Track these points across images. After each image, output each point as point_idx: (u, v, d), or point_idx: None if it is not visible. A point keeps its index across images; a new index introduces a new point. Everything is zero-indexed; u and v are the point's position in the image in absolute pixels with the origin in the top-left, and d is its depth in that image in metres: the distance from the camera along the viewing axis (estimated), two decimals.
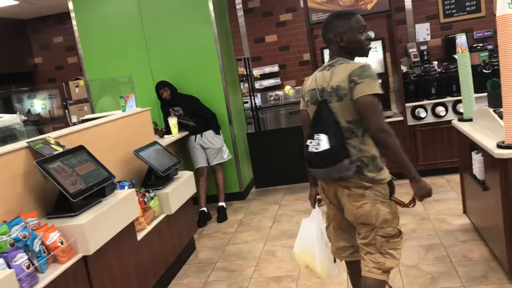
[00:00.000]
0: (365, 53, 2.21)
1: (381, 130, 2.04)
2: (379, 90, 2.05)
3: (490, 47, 6.61)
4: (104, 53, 5.53)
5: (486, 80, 3.77)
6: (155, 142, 3.96)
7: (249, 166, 6.03)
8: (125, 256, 2.86)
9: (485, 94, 3.56)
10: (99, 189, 2.76)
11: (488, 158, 2.91)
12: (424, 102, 5.18)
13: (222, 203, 5.09)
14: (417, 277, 3.12)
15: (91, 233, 2.45)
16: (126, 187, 3.24)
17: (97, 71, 5.58)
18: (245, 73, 6.80)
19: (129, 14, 5.42)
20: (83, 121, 4.20)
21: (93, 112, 5.56)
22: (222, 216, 4.97)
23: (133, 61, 5.45)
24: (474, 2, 7.46)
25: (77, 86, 7.37)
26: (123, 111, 3.91)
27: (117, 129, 3.59)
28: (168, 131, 4.98)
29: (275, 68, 8.12)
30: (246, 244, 4.19)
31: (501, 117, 2.86)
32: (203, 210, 4.97)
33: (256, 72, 8.02)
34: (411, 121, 5.21)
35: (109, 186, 2.86)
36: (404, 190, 2.65)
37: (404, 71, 5.55)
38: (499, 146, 2.69)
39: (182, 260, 3.91)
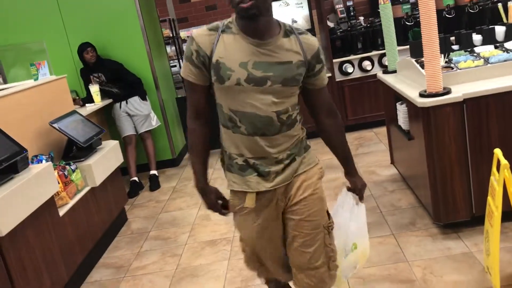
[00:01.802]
0: (237, 11, 1.57)
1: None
2: (181, 74, 1.72)
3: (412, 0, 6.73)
4: (11, 16, 5.06)
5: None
6: (74, 112, 3.71)
7: (181, 132, 5.87)
8: (46, 234, 2.68)
9: (408, 46, 3.59)
10: (10, 165, 2.53)
11: (412, 108, 2.95)
12: (351, 57, 5.21)
13: (154, 171, 4.93)
14: None
15: (2, 212, 2.25)
16: (44, 161, 3.02)
17: (4, 38, 5.11)
18: (170, 35, 6.53)
19: None
20: None
21: (5, 83, 5.13)
22: (154, 184, 4.82)
23: (46, 25, 5.03)
24: None
25: None
26: (35, 80, 3.61)
27: (29, 99, 3.31)
28: (90, 100, 4.70)
29: None
30: (180, 211, 4.10)
31: (422, 66, 2.89)
32: (134, 180, 4.79)
33: (183, 34, 7.75)
34: (339, 77, 5.24)
35: (22, 161, 2.64)
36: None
37: (331, 26, 5.54)
38: (422, 95, 2.73)
39: (113, 233, 3.76)
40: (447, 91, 2.66)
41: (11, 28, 5.07)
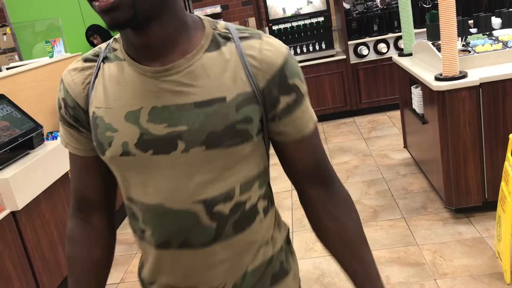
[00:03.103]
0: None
1: None
2: None
3: None
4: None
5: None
6: None
7: None
8: (61, 209, 2.73)
9: (425, 29, 3.54)
10: (26, 140, 2.57)
11: (427, 92, 2.93)
12: (366, 39, 5.15)
13: None
14: (359, 211, 3.15)
15: (18, 187, 2.29)
16: (59, 138, 3.06)
17: (22, 16, 5.14)
18: None
19: None
20: (8, 70, 3.89)
21: (21, 60, 5.17)
22: None
23: (61, 3, 5.04)
24: None
25: (4, 34, 6.82)
26: (51, 57, 3.63)
27: (45, 76, 3.34)
28: None
29: (218, 9, 7.83)
30: None
31: (439, 49, 2.86)
32: None
33: (197, 13, 7.71)
34: (354, 59, 5.18)
35: (37, 137, 2.67)
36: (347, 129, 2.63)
37: (347, 8, 5.47)
38: (437, 78, 2.69)
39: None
40: (463, 75, 2.63)
41: (27, 5, 5.09)
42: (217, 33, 0.84)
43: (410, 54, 3.58)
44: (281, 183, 3.83)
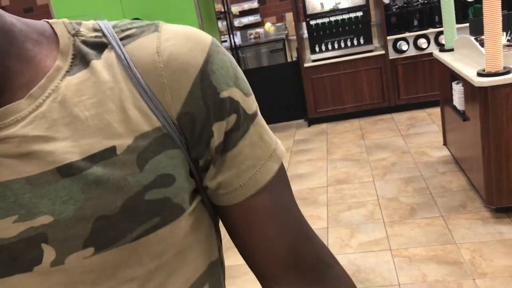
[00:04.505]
0: None
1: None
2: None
3: None
4: None
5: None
6: None
7: None
8: None
9: (468, 24, 3.46)
10: None
11: (468, 88, 2.86)
12: (406, 34, 5.06)
13: None
14: (396, 209, 3.15)
15: None
16: None
17: (66, 12, 5.31)
18: (222, 10, 6.55)
19: None
20: None
21: None
22: None
23: (106, 7, 5.18)
24: None
25: None
26: None
27: None
28: None
29: (255, 4, 7.85)
30: None
31: (482, 44, 2.79)
32: None
33: (235, 9, 7.76)
34: (392, 55, 5.10)
35: None
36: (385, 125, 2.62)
37: (386, 2, 5.39)
38: (480, 74, 2.63)
39: None
40: (507, 71, 2.56)
41: (71, 1, 5.26)
42: (82, 40, 0.50)
43: (452, 50, 3.50)
44: (315, 179, 3.83)
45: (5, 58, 0.46)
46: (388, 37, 5.05)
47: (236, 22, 7.86)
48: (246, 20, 7.92)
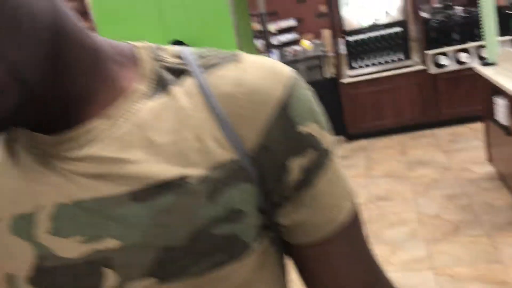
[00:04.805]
0: None
1: None
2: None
3: None
4: (115, 16, 5.45)
5: None
6: None
7: None
8: None
9: (511, 37, 3.39)
10: None
11: None
12: (446, 49, 4.99)
13: None
14: (439, 226, 3.08)
15: None
16: None
17: (110, 36, 5.51)
18: (260, 29, 6.66)
19: None
20: None
21: None
22: None
23: (145, 22, 5.36)
24: None
25: None
26: None
27: None
28: None
29: (292, 22, 7.93)
30: None
31: None
32: None
33: (272, 27, 7.86)
34: (433, 70, 5.04)
35: None
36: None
37: (426, 17, 5.34)
38: None
39: None
40: None
41: (115, 28, 5.46)
42: (163, 65, 0.50)
43: (494, 64, 3.43)
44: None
45: (89, 77, 0.47)
46: (428, 52, 5.00)
47: (274, 40, 7.96)
48: (284, 38, 8.00)
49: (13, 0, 0.39)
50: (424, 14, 5.56)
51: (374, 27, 5.20)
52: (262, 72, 0.48)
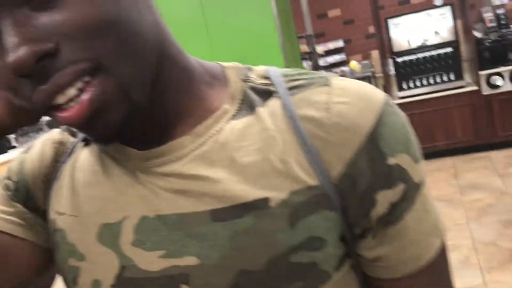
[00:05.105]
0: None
1: None
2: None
3: None
4: None
5: None
6: None
7: None
8: None
9: None
10: None
11: None
12: (501, 69, 4.82)
13: None
14: (494, 254, 2.94)
15: None
16: None
17: None
18: (307, 50, 6.68)
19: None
20: None
21: None
22: None
23: (193, 41, 5.49)
24: None
25: None
26: None
27: None
28: None
29: (340, 44, 7.92)
30: None
31: None
32: None
33: (320, 49, 7.87)
34: (486, 91, 4.87)
35: None
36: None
37: (478, 37, 5.20)
38: None
39: None
40: None
41: None
42: (250, 86, 0.51)
43: None
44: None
45: (182, 96, 0.50)
46: (481, 73, 4.85)
47: (322, 62, 7.96)
48: (331, 59, 8.00)
49: (125, 20, 0.41)
50: (477, 34, 5.41)
51: (424, 48, 5.11)
52: (352, 98, 0.46)
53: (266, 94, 0.50)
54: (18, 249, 0.55)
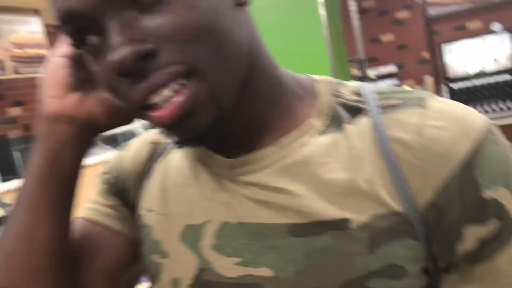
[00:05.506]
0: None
1: None
2: None
3: None
4: None
5: None
6: None
7: None
8: None
9: None
10: None
11: None
12: None
13: None
14: None
15: None
16: None
17: None
18: (359, 75, 6.62)
19: None
20: None
21: None
22: None
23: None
24: None
25: None
26: None
27: None
28: None
29: (392, 68, 7.80)
30: None
31: None
32: None
33: (372, 73, 7.78)
34: None
35: None
36: None
37: None
38: None
39: None
40: None
41: None
42: (341, 102, 0.50)
43: None
44: None
45: (269, 107, 0.50)
46: None
47: None
48: (384, 84, 7.88)
49: (222, 28, 0.43)
50: None
51: (480, 75, 4.94)
52: (448, 122, 0.43)
53: (355, 110, 0.49)
54: (110, 240, 0.59)
